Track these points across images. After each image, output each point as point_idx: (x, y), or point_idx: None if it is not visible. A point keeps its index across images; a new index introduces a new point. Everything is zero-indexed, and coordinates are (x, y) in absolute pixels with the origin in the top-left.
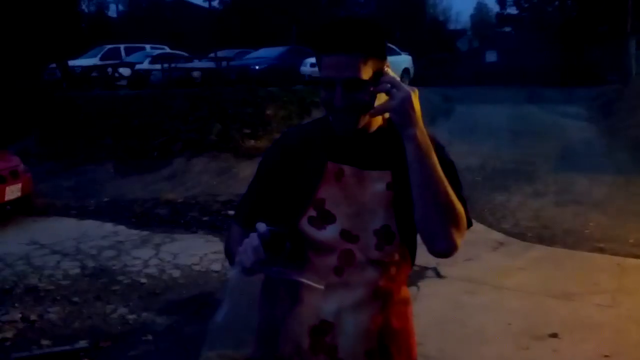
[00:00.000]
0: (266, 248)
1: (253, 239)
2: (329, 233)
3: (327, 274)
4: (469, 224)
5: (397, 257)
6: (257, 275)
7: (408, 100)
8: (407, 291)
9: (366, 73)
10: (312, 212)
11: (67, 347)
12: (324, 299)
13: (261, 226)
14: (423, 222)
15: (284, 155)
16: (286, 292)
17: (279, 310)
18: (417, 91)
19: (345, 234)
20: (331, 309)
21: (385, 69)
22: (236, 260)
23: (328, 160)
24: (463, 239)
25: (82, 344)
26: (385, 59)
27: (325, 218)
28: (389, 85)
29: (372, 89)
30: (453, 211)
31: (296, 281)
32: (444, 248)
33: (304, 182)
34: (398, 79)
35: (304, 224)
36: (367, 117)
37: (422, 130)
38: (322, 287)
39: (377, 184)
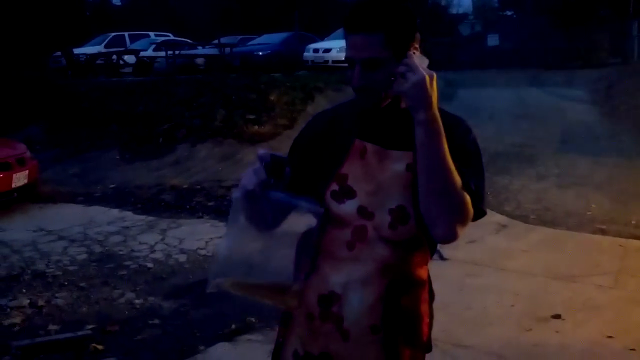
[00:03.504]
0: (267, 171)
1: (255, 164)
2: (347, 207)
3: (340, 247)
4: (481, 214)
5: (411, 237)
6: (260, 204)
7: (420, 84)
8: (425, 274)
9: (386, 53)
10: (335, 187)
11: (70, 335)
12: (335, 271)
13: (262, 150)
14: (423, 206)
15: (316, 131)
16: (307, 258)
17: (299, 277)
18: (434, 75)
19: (362, 210)
20: (339, 280)
21: (412, 51)
22: (240, 184)
23: (355, 138)
24: (465, 228)
25: (86, 330)
26: (412, 40)
27: (346, 193)
28: (404, 68)
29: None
30: (454, 200)
31: (295, 206)
32: (441, 235)
33: (331, 157)
34: (425, 61)
35: (328, 197)
36: (387, 97)
37: (434, 116)
38: (322, 210)
39: (397, 164)
